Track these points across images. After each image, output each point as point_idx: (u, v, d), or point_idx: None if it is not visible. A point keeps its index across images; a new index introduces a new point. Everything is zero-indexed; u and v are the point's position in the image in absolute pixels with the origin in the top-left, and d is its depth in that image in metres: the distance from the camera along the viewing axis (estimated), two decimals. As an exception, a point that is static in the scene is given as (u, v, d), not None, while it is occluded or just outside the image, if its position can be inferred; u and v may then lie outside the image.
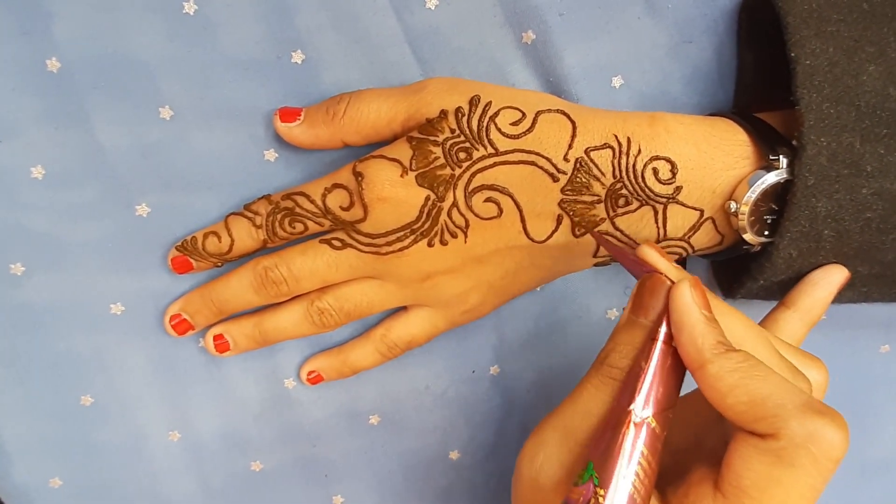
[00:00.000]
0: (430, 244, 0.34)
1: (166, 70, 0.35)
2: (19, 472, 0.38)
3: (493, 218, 0.33)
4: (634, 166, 0.32)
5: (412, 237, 0.33)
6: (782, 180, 0.32)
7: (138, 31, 0.34)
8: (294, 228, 0.34)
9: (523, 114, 0.33)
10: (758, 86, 0.37)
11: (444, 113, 0.33)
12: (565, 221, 0.33)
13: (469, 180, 0.33)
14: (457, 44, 0.36)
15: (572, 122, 0.33)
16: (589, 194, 0.33)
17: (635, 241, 0.34)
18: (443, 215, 0.33)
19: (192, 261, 0.36)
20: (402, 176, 0.33)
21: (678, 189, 0.33)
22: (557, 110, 0.33)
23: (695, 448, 0.29)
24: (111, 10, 0.34)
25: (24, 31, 0.34)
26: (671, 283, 0.28)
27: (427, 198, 0.33)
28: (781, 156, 0.32)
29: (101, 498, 0.39)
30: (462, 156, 0.33)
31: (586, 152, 0.32)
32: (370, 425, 0.40)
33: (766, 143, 0.32)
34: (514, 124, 0.32)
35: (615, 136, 0.32)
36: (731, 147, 0.33)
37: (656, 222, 0.33)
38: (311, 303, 0.36)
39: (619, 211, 0.33)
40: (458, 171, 0.33)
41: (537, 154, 0.32)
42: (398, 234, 0.33)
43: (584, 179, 0.32)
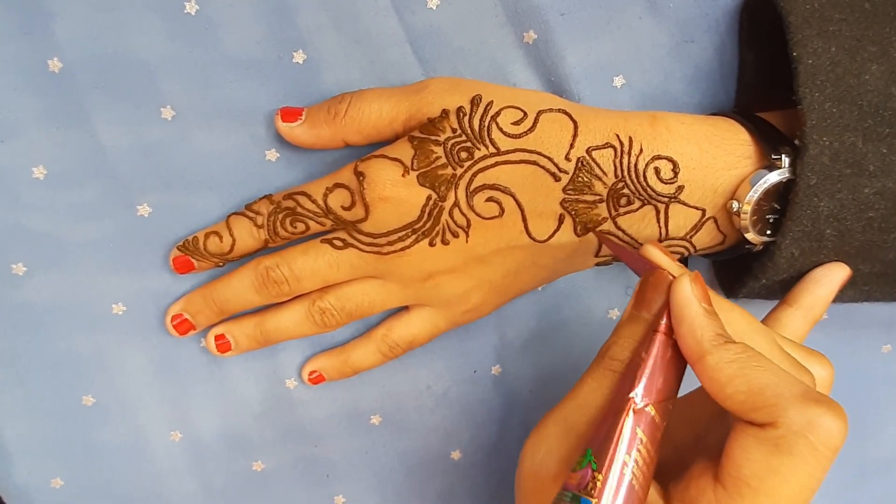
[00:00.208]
0: (431, 244, 0.33)
1: (167, 70, 0.35)
2: (20, 473, 0.38)
3: (495, 217, 0.33)
4: (636, 166, 0.32)
5: (414, 237, 0.33)
6: (784, 180, 0.32)
7: (139, 31, 0.34)
8: (295, 228, 0.34)
9: (525, 113, 0.33)
10: (759, 85, 0.36)
11: (445, 112, 0.33)
12: (567, 221, 0.33)
13: (470, 180, 0.33)
14: (458, 43, 0.36)
15: (574, 122, 0.33)
16: (591, 194, 0.33)
17: (637, 241, 0.34)
18: (444, 215, 0.33)
19: (193, 261, 0.36)
20: (403, 175, 0.33)
21: (680, 188, 0.33)
22: (559, 110, 0.33)
23: (697, 444, 0.29)
24: (112, 10, 0.34)
25: (25, 31, 0.34)
26: (673, 278, 0.28)
27: (428, 197, 0.33)
28: (783, 155, 0.32)
29: (102, 498, 0.39)
30: (463, 155, 0.32)
31: (588, 152, 0.32)
32: (371, 425, 0.40)
33: (768, 143, 0.32)
34: (516, 124, 0.32)
35: (617, 136, 0.32)
36: (733, 146, 0.33)
37: (658, 222, 0.33)
38: (312, 303, 0.36)
39: (621, 210, 0.33)
40: (459, 171, 0.33)
41: (539, 153, 0.32)
42: (400, 234, 0.33)
43: (585, 179, 0.32)
